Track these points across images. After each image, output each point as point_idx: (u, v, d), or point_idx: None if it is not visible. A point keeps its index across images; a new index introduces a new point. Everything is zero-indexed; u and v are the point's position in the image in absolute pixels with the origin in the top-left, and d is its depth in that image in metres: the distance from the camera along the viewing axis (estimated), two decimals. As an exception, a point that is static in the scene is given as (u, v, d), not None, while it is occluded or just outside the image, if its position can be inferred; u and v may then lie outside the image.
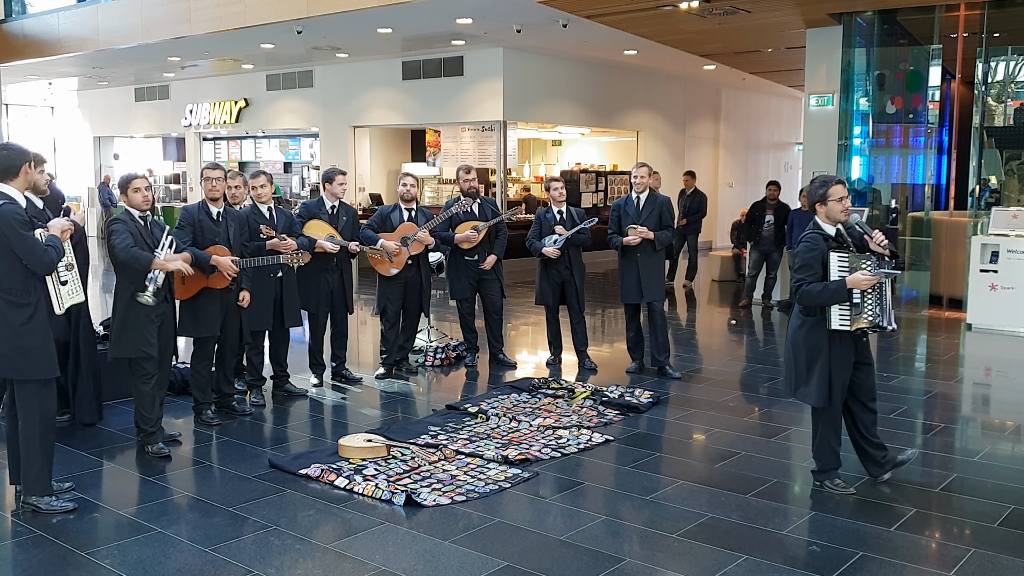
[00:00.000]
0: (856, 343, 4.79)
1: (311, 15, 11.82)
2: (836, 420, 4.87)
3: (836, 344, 4.72)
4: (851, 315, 4.64)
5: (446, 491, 4.81)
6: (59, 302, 4.41)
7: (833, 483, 4.87)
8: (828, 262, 4.66)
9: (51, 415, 4.52)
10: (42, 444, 4.49)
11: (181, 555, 4.08)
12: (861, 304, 4.64)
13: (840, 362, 4.75)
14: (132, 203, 5.35)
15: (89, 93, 22.15)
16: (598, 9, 11.14)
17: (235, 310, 6.15)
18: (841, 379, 4.76)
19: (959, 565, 3.96)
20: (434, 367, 7.99)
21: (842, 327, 4.65)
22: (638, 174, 7.44)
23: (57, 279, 4.41)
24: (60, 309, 4.43)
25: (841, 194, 4.73)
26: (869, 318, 4.64)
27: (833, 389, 4.76)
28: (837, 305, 4.63)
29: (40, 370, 4.38)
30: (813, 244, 4.73)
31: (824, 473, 4.92)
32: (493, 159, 16.04)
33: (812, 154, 12.35)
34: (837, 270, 4.64)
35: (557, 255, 7.64)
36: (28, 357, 4.33)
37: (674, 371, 7.56)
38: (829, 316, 4.67)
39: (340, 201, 7.24)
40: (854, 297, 4.62)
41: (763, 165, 21.36)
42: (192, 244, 5.87)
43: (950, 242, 11.29)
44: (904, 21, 11.77)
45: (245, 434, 5.97)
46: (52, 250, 4.31)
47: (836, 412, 4.85)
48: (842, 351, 4.74)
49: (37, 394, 4.43)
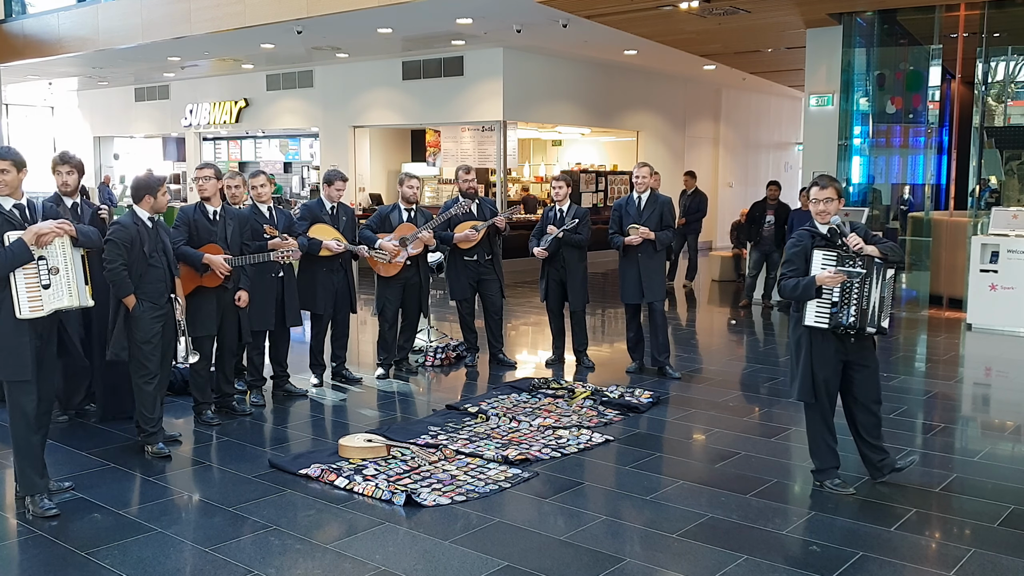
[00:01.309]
0: (843, 342, 4.77)
1: (311, 15, 11.82)
2: (825, 417, 4.87)
3: (817, 341, 4.76)
4: (828, 313, 4.67)
5: (446, 491, 4.81)
6: (19, 306, 4.29)
7: (833, 483, 4.87)
8: (811, 259, 4.71)
9: (24, 415, 4.47)
10: (16, 444, 4.50)
11: (181, 555, 4.08)
12: (840, 303, 4.66)
13: (821, 359, 4.77)
14: (157, 206, 5.35)
15: (89, 93, 22.15)
16: (598, 9, 11.14)
17: (233, 310, 6.14)
18: (824, 375, 4.78)
19: (959, 565, 3.96)
20: (434, 367, 7.99)
21: (818, 324, 4.70)
22: (640, 174, 7.44)
23: (38, 282, 4.32)
24: (20, 313, 4.29)
25: (814, 195, 4.78)
26: (842, 318, 4.66)
27: (816, 385, 4.79)
28: (815, 302, 4.68)
29: (1, 371, 4.38)
30: (798, 240, 4.83)
31: (823, 472, 4.91)
32: (493, 159, 16.04)
33: (812, 154, 12.35)
34: (820, 268, 4.68)
35: (544, 255, 7.65)
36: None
37: (674, 371, 7.56)
38: (804, 312, 4.73)
39: (339, 202, 7.25)
40: (834, 295, 4.65)
41: (763, 165, 21.36)
42: (188, 243, 5.88)
43: (950, 242, 11.29)
44: (904, 21, 11.77)
45: (245, 434, 5.97)
46: (4, 254, 4.23)
47: (824, 409, 4.85)
48: (823, 348, 4.76)
49: (9, 394, 4.45)
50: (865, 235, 4.80)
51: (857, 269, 4.65)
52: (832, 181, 4.83)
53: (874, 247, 4.70)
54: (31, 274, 4.33)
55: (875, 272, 4.67)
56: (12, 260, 4.26)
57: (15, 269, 4.28)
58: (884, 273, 4.70)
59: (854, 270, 4.65)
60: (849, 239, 4.69)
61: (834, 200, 4.76)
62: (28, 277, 4.33)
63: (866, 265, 4.66)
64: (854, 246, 4.67)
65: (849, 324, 4.66)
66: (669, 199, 7.56)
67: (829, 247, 4.73)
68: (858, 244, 4.67)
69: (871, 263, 4.67)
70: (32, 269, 4.33)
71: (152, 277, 5.33)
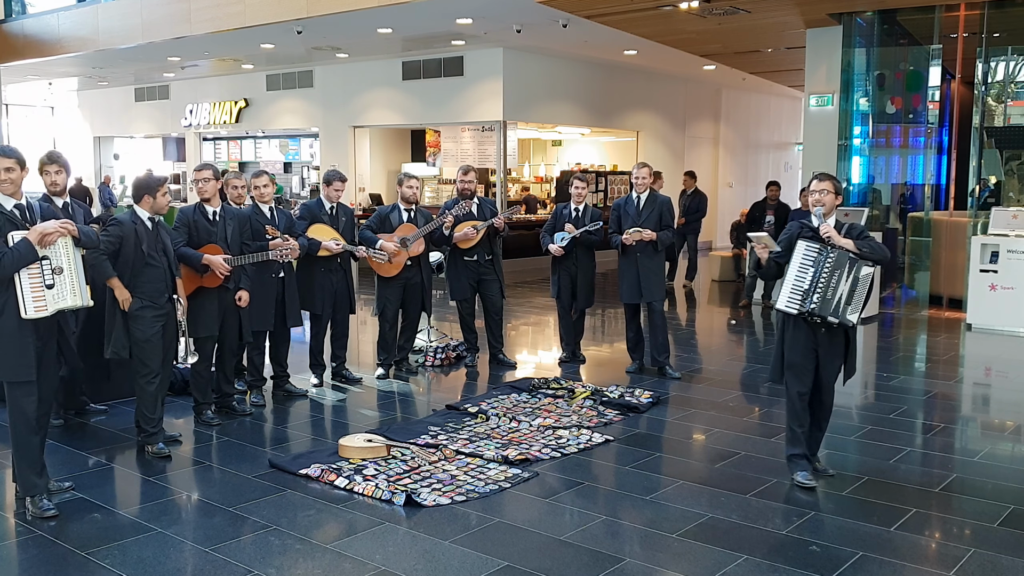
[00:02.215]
0: (815, 332, 4.84)
1: (311, 15, 11.82)
2: (793, 402, 4.93)
3: (789, 325, 4.90)
4: (799, 300, 4.76)
5: (446, 491, 4.81)
6: (25, 307, 4.29)
7: (802, 477, 4.91)
8: (794, 247, 4.83)
9: (25, 417, 4.46)
10: (17, 445, 4.49)
11: (181, 555, 4.08)
12: (810, 290, 4.74)
13: (791, 343, 4.89)
14: (157, 206, 5.35)
15: (89, 93, 22.16)
16: (598, 9, 11.15)
17: (234, 310, 6.14)
18: (792, 359, 4.88)
19: (959, 565, 3.96)
20: (434, 367, 7.99)
21: (788, 309, 4.80)
22: (639, 174, 7.44)
23: (42, 282, 4.32)
24: (26, 314, 4.30)
25: (813, 187, 4.94)
26: (806, 303, 4.73)
27: (786, 368, 4.90)
28: (788, 287, 4.80)
29: (4, 372, 4.37)
30: (788, 229, 5.04)
31: (791, 462, 5.00)
32: (493, 159, 16.04)
33: (812, 154, 12.36)
34: (801, 257, 4.80)
35: (561, 253, 7.68)
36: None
37: (674, 371, 7.56)
38: (778, 297, 4.86)
39: (339, 202, 7.25)
40: (805, 282, 4.74)
41: (763, 165, 21.36)
42: (188, 244, 5.88)
43: (950, 242, 11.30)
44: (904, 21, 11.78)
45: (245, 434, 5.97)
46: (10, 253, 4.23)
47: (792, 396, 4.92)
48: (795, 333, 4.88)
49: (10, 395, 4.44)
50: (858, 233, 4.87)
51: (820, 255, 4.74)
52: (831, 177, 4.97)
53: (850, 241, 4.79)
54: (35, 274, 4.33)
55: (847, 265, 4.75)
56: (18, 260, 4.26)
57: (21, 269, 4.29)
58: (858, 268, 4.77)
59: (777, 249, 4.93)
60: (822, 228, 4.81)
61: (830, 193, 4.87)
62: (32, 277, 4.33)
63: (838, 256, 4.75)
64: (824, 234, 4.79)
65: (810, 310, 4.73)
66: (668, 199, 7.57)
67: (814, 239, 4.84)
68: (827, 233, 4.79)
69: (843, 255, 4.76)
70: (36, 269, 4.33)
71: (151, 276, 5.33)
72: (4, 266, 4.23)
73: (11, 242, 4.27)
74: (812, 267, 4.76)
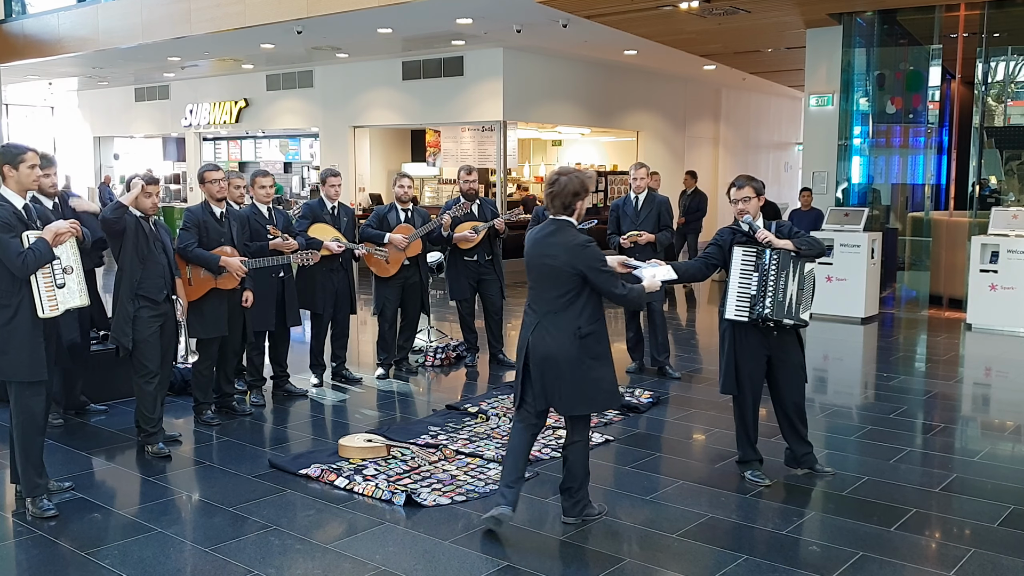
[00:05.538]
0: (766, 336, 4.85)
1: (311, 15, 11.82)
2: (746, 412, 4.95)
3: (740, 334, 4.88)
4: (748, 307, 4.77)
5: (446, 491, 4.81)
6: (42, 306, 4.31)
7: (752, 474, 4.97)
8: (732, 254, 4.85)
9: (33, 417, 4.47)
10: (22, 445, 4.49)
11: (181, 555, 4.09)
12: (757, 295, 4.75)
13: (745, 352, 4.87)
14: (140, 206, 5.35)
15: (89, 93, 22.15)
16: (598, 9, 11.14)
17: (239, 310, 6.15)
18: (748, 369, 4.88)
19: (959, 565, 3.96)
20: (434, 367, 7.99)
21: (738, 317, 4.81)
22: (637, 175, 7.43)
23: (53, 281, 4.35)
24: (43, 312, 4.32)
25: (733, 195, 4.95)
26: (759, 309, 4.74)
27: (741, 379, 4.89)
28: (735, 295, 4.80)
29: (19, 372, 4.36)
30: (719, 236, 5.02)
31: (743, 464, 5.04)
32: (493, 159, 16.03)
33: (812, 154, 12.36)
34: (740, 263, 4.83)
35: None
36: (5, 357, 4.32)
37: (674, 371, 7.56)
38: (726, 306, 4.84)
39: (339, 202, 7.26)
40: (751, 288, 4.75)
41: (763, 165, 21.35)
42: (198, 245, 5.87)
43: (950, 242, 11.29)
44: (904, 21, 11.78)
45: (245, 434, 5.97)
46: (31, 253, 4.24)
47: (746, 403, 4.94)
48: (746, 341, 4.87)
49: (20, 395, 4.43)
50: (788, 232, 4.90)
51: (640, 263, 4.79)
52: (750, 180, 4.97)
53: (788, 241, 4.81)
54: (47, 274, 4.36)
55: (791, 265, 4.78)
56: (39, 260, 4.29)
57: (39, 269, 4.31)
58: (801, 266, 4.81)
59: (637, 263, 4.84)
60: (759, 234, 4.81)
61: (752, 199, 4.90)
62: (44, 277, 4.36)
63: (781, 258, 4.77)
64: (763, 240, 4.80)
65: (764, 315, 4.74)
66: (666, 199, 7.56)
67: (749, 243, 4.86)
68: (766, 238, 4.80)
69: (786, 256, 4.78)
70: (48, 269, 4.37)
71: (150, 273, 5.33)
72: (28, 265, 4.26)
73: (26, 242, 4.29)
74: (754, 271, 4.78)
